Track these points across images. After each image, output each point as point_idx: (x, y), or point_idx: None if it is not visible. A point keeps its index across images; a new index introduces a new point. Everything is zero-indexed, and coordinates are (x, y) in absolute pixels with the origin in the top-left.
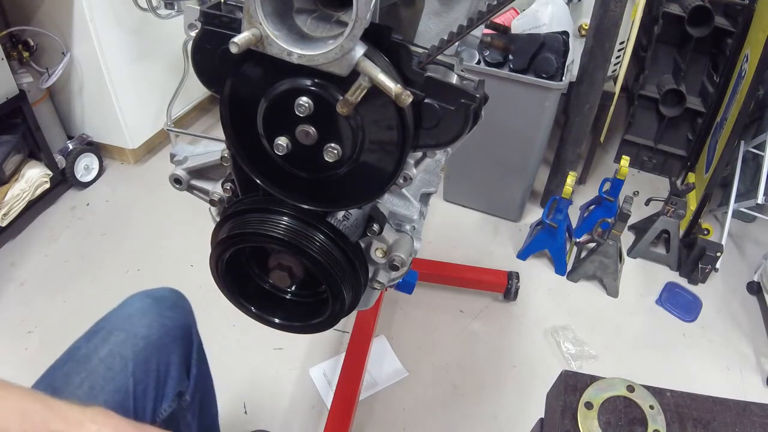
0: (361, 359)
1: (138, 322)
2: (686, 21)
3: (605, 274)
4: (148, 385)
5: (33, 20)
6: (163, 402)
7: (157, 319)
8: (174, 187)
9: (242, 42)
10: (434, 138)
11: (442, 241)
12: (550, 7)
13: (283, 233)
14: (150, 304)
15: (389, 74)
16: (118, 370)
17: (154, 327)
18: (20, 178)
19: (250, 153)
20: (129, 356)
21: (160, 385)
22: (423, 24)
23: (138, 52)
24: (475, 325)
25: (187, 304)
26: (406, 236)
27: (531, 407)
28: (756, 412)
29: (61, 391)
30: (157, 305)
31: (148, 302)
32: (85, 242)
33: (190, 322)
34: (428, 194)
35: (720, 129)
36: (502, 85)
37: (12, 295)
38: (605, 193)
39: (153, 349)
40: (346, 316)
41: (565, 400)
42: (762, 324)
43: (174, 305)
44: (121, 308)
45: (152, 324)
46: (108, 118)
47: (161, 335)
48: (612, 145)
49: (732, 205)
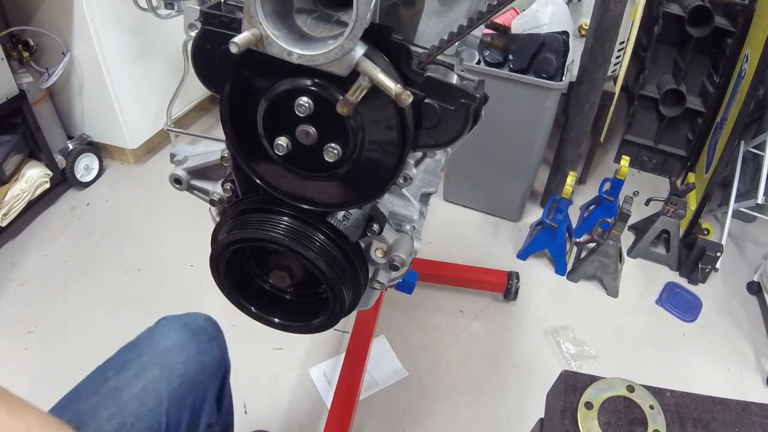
0: (361, 359)
1: (175, 358)
2: (686, 21)
3: (605, 274)
4: (181, 422)
5: (33, 20)
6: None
7: (195, 356)
8: (174, 187)
9: (242, 42)
10: (434, 138)
11: (442, 241)
12: (550, 7)
13: (283, 233)
14: (187, 338)
15: (389, 74)
16: (151, 407)
17: (191, 364)
18: (20, 178)
19: (250, 153)
20: (164, 394)
21: (193, 422)
22: (423, 24)
23: (138, 52)
24: (475, 325)
25: (222, 336)
26: (406, 236)
27: (531, 407)
28: (756, 412)
29: (87, 425)
30: (195, 339)
31: (185, 336)
32: (85, 242)
33: (225, 355)
34: (428, 194)
35: (720, 129)
36: (502, 85)
37: (12, 295)
38: (605, 193)
39: (189, 386)
40: (346, 316)
41: (565, 400)
42: (762, 324)
43: (211, 338)
44: (155, 338)
45: (189, 360)
46: (108, 118)
47: (198, 372)
48: (612, 145)
49: (732, 205)
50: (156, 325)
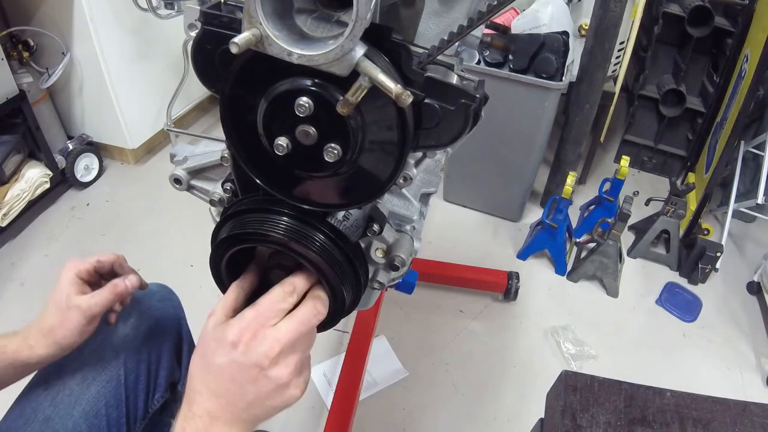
0: (361, 359)
1: (128, 316)
2: (686, 21)
3: (605, 274)
4: (140, 375)
5: (33, 20)
6: (156, 392)
7: (146, 311)
8: (174, 187)
9: (242, 42)
10: (434, 138)
11: (442, 241)
12: (550, 7)
13: (283, 233)
14: (139, 296)
15: (389, 74)
16: (109, 359)
17: (143, 319)
18: (20, 178)
19: (250, 153)
20: (120, 347)
21: (152, 376)
22: (423, 24)
23: (138, 52)
24: (475, 325)
25: (175, 298)
26: (406, 236)
27: (531, 407)
28: (756, 412)
29: (57, 378)
30: (146, 298)
31: (137, 295)
32: (85, 242)
33: (179, 314)
34: (428, 194)
35: (720, 129)
36: (502, 85)
37: (12, 295)
38: (605, 193)
39: (143, 339)
40: (346, 316)
41: (565, 400)
42: (762, 324)
43: (163, 298)
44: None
45: (141, 316)
46: (108, 118)
47: (150, 326)
48: (612, 145)
49: (732, 205)
50: None
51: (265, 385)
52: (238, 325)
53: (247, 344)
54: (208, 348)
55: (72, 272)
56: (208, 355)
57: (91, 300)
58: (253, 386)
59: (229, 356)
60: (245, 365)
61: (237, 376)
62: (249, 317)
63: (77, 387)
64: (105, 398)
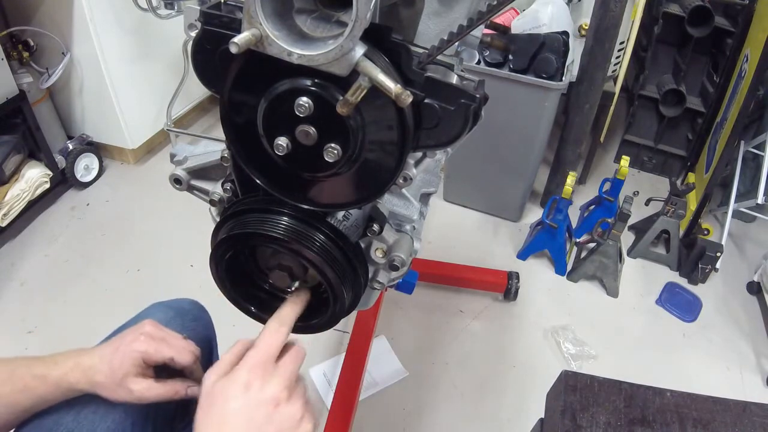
0: (361, 359)
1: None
2: (686, 21)
3: (605, 274)
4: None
5: (33, 20)
6: (185, 415)
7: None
8: (174, 187)
9: (242, 42)
10: (434, 138)
11: (442, 241)
12: (550, 7)
13: (283, 233)
14: (172, 315)
15: (389, 74)
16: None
17: None
18: (20, 178)
19: (250, 153)
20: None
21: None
22: (423, 24)
23: (138, 52)
24: (475, 325)
25: (207, 317)
26: (406, 236)
27: (531, 407)
28: (756, 412)
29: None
30: (179, 317)
31: (170, 314)
32: (85, 242)
33: (210, 334)
34: (428, 194)
35: (720, 129)
36: (502, 85)
37: (12, 295)
38: (605, 193)
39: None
40: (346, 316)
41: (565, 400)
42: (762, 324)
43: (195, 318)
44: (141, 317)
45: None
46: (108, 118)
47: None
48: (612, 145)
49: (732, 205)
50: (144, 309)
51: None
52: (245, 368)
53: (261, 382)
54: (215, 400)
55: (140, 353)
56: (217, 405)
57: (146, 391)
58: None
59: (245, 397)
60: (263, 401)
61: (255, 415)
62: (254, 358)
63: (103, 404)
64: (132, 417)
